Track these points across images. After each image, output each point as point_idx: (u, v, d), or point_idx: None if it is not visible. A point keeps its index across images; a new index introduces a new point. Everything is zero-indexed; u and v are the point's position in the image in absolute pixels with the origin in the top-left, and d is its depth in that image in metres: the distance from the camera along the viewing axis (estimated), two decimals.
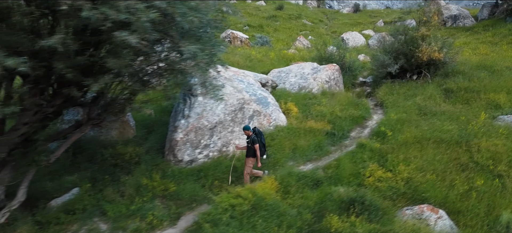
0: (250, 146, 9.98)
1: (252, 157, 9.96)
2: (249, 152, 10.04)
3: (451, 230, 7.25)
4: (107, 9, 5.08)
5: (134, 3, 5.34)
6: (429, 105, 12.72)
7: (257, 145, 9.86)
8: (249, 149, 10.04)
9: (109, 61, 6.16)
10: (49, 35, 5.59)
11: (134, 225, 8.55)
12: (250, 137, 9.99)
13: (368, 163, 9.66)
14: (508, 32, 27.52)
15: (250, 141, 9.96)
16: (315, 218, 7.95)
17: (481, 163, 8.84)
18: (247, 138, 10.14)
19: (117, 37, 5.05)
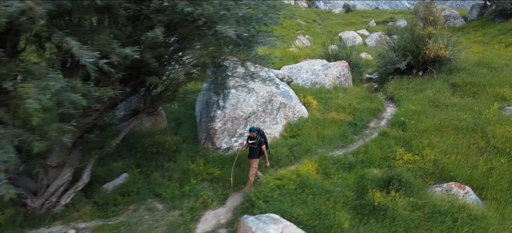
0: (256, 147, 10.04)
1: (257, 158, 10.09)
2: (253, 153, 10.09)
3: (478, 204, 8.34)
4: (207, 6, 5.97)
5: (225, 3, 6.25)
6: (439, 98, 13.90)
7: (264, 146, 10.04)
8: (253, 150, 10.08)
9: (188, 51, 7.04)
10: (147, 29, 6.43)
11: (189, 204, 9.41)
12: (256, 138, 10.06)
13: (395, 148, 10.74)
14: (497, 32, 29.13)
15: (257, 142, 10.03)
16: (357, 194, 8.96)
17: (498, 146, 10.01)
18: (251, 139, 10.13)
19: (218, 30, 5.93)
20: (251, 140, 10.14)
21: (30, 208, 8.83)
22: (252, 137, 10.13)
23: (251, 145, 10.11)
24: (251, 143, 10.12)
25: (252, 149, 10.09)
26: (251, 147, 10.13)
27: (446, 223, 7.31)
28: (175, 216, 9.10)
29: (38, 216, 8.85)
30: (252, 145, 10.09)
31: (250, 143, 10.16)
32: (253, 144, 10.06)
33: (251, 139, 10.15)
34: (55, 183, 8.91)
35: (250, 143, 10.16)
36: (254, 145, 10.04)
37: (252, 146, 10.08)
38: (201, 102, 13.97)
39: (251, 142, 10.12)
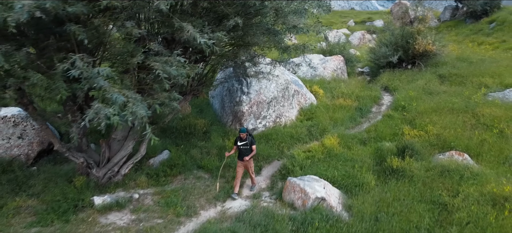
0: (248, 148, 9.99)
1: (251, 158, 10.14)
2: (246, 154, 9.99)
3: (476, 166, 10.35)
4: None
5: None
6: (431, 87, 16.06)
7: (254, 145, 10.12)
8: (246, 151, 9.99)
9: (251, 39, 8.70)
10: (221, 18, 8.02)
11: (231, 174, 10.98)
12: (247, 138, 10.03)
13: (401, 126, 12.72)
14: (469, 32, 31.91)
15: (249, 142, 10.00)
16: (376, 162, 10.83)
17: (486, 123, 12.13)
18: (242, 140, 10.05)
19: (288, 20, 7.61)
20: (241, 141, 10.04)
21: (93, 176, 10.16)
22: (243, 138, 10.04)
23: (242, 146, 10.03)
24: (242, 144, 10.03)
25: (245, 149, 10.02)
26: (242, 148, 10.05)
27: (454, 178, 9.26)
28: (221, 183, 10.67)
29: (101, 184, 10.20)
30: (243, 146, 10.01)
31: (241, 144, 10.05)
32: (244, 145, 10.00)
33: (241, 140, 10.05)
34: (119, 154, 10.29)
35: (241, 144, 10.05)
36: (247, 145, 10.00)
37: (244, 147, 10.01)
38: (217, 92, 15.52)
39: (242, 143, 10.02)
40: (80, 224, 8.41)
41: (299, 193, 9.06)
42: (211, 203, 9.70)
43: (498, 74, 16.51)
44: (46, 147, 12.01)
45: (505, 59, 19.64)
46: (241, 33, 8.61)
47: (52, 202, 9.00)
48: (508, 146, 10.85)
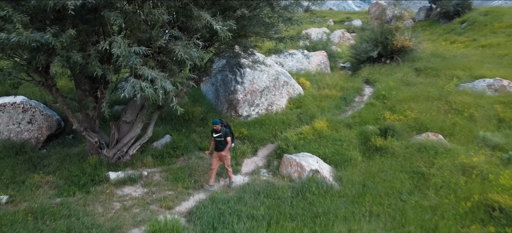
0: (223, 140, 9.89)
1: (227, 150, 10.06)
2: (222, 146, 9.93)
3: (448, 144, 11.77)
4: None
5: None
6: (408, 79, 17.55)
7: (230, 137, 9.98)
8: (222, 143, 9.91)
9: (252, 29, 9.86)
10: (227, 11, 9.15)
11: (231, 153, 12.09)
12: (221, 130, 9.95)
13: (382, 112, 14.09)
14: (442, 31, 33.86)
15: (223, 134, 9.89)
16: (361, 142, 12.14)
17: (457, 109, 13.62)
18: (216, 132, 9.96)
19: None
20: (216, 133, 9.95)
21: (103, 156, 11.10)
22: (217, 129, 9.94)
23: (217, 138, 9.95)
24: (217, 136, 9.94)
25: (220, 141, 9.93)
26: (218, 141, 9.97)
27: (430, 153, 10.63)
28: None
29: (111, 163, 11.14)
30: (218, 138, 9.93)
31: (216, 136, 9.96)
32: (219, 137, 9.92)
33: (216, 132, 9.96)
34: (128, 135, 11.27)
35: (216, 136, 9.96)
36: (221, 137, 9.91)
37: (219, 139, 9.93)
38: (211, 84, 16.58)
39: (217, 136, 9.94)
40: (100, 195, 9.36)
41: (295, 167, 10.26)
42: (215, 179, 10.77)
43: (468, 67, 18.16)
44: (54, 132, 12.85)
45: (475, 55, 21.40)
46: (245, 23, 9.73)
47: (71, 177, 9.92)
48: (476, 127, 12.34)
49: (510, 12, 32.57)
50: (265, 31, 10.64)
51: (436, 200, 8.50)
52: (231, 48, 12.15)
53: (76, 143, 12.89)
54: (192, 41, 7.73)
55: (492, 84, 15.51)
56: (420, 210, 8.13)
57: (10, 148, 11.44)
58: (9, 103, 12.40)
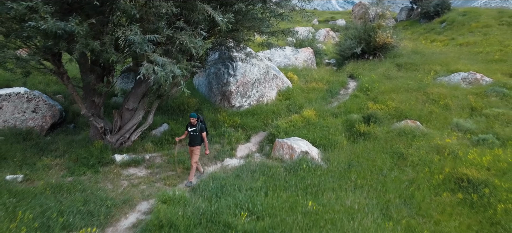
0: (198, 134, 9.95)
1: (199, 145, 10.08)
2: (195, 140, 9.99)
3: (425, 129, 12.93)
4: None
5: None
6: (390, 73, 18.78)
7: (205, 132, 10.07)
8: (195, 138, 9.97)
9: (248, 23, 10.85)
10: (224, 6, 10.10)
11: (225, 140, 13.05)
12: (197, 124, 9.97)
13: (366, 102, 15.23)
14: (423, 30, 35.35)
15: (198, 128, 9.92)
16: (346, 128, 13.23)
17: (434, 99, 14.84)
18: (192, 126, 10.00)
19: None
20: (192, 127, 10.00)
21: (107, 142, 11.93)
22: (193, 123, 9.99)
23: (192, 132, 10.00)
24: (192, 130, 9.99)
25: (194, 136, 9.99)
26: (192, 134, 10.02)
27: (409, 136, 11.78)
28: (219, 147, 12.71)
29: (114, 148, 11.97)
30: (193, 132, 9.98)
31: (191, 130, 10.02)
32: (194, 131, 9.97)
33: (192, 125, 10.00)
34: (130, 122, 12.12)
35: (191, 130, 10.02)
36: (196, 132, 9.95)
37: (193, 133, 9.98)
38: (202, 76, 17.52)
39: (192, 129, 9.99)
40: (108, 174, 10.22)
41: (286, 149, 11.27)
42: (213, 162, 11.72)
43: (445, 63, 19.49)
44: (57, 120, 13.59)
45: (452, 52, 22.82)
46: (240, 17, 10.71)
47: (80, 159, 10.74)
48: (450, 115, 13.56)
49: (486, 13, 34.19)
50: (258, 25, 11.62)
51: (413, 175, 9.62)
52: (226, 40, 13.07)
53: (78, 131, 13.64)
54: (197, 31, 8.66)
55: (467, 77, 16.82)
56: (398, 183, 9.24)
57: (17, 135, 12.16)
58: (14, 93, 13.10)
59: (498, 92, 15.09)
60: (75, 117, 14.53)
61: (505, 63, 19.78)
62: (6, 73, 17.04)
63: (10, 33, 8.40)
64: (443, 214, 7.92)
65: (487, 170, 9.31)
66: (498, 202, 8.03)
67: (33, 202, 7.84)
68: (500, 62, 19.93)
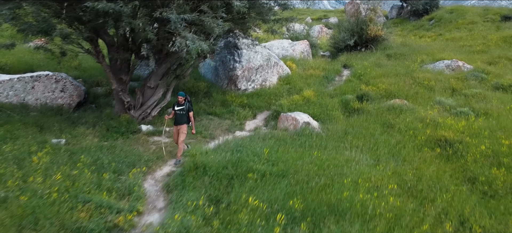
0: (184, 113, 10.27)
1: (186, 124, 10.40)
2: (182, 119, 10.29)
3: (411, 105, 14.79)
4: None
5: None
6: (380, 62, 20.72)
7: (192, 112, 10.42)
8: (182, 117, 10.28)
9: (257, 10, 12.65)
10: None
11: (235, 117, 14.80)
12: (185, 104, 10.29)
13: (359, 85, 17.12)
14: (412, 27, 37.44)
15: (186, 107, 10.25)
16: (342, 106, 15.09)
17: (420, 82, 16.77)
18: (179, 105, 10.28)
19: None
20: (179, 105, 10.33)
21: (131, 116, 13.60)
22: (180, 102, 10.28)
23: (179, 111, 10.34)
24: (179, 109, 10.32)
25: (181, 115, 10.31)
26: (178, 113, 10.36)
27: (397, 111, 13.66)
28: (229, 122, 14.48)
29: (137, 122, 13.65)
30: (180, 111, 10.31)
31: (178, 109, 10.34)
32: (181, 110, 10.29)
33: (179, 104, 10.32)
34: (151, 98, 13.81)
35: (178, 109, 10.34)
36: (183, 111, 10.29)
37: (181, 112, 10.31)
38: (207, 64, 19.26)
39: (179, 108, 10.32)
40: (138, 140, 11.92)
41: (291, 121, 13.07)
42: (225, 133, 13.46)
43: (431, 53, 21.51)
44: (82, 99, 15.23)
45: (438, 44, 24.89)
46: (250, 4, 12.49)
47: (111, 128, 12.43)
48: (434, 95, 15.50)
49: (472, 11, 36.37)
50: (266, 12, 13.42)
51: (399, 138, 11.49)
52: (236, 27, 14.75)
53: (100, 110, 15.27)
54: (218, 14, 10.42)
55: (450, 64, 18.82)
56: (388, 143, 11.11)
57: (49, 110, 13.77)
58: (43, 75, 14.70)
59: (477, 76, 17.09)
60: (95, 98, 16.16)
61: (486, 53, 21.86)
62: (29, 59, 18.73)
63: (60, 15, 10.06)
64: (424, 163, 9.79)
65: (462, 133, 11.22)
66: (468, 154, 9.93)
67: (85, 154, 9.53)
68: (481, 53, 22.02)
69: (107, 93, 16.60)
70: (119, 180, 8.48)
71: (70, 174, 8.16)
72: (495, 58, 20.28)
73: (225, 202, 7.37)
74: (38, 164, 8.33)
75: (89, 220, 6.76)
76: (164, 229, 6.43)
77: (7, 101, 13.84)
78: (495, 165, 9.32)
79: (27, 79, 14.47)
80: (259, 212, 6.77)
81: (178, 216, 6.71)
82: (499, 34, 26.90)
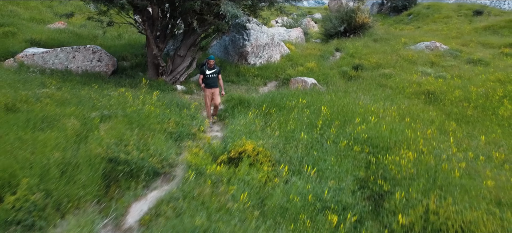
0: (216, 76, 10.56)
1: (218, 87, 10.79)
2: (215, 82, 10.54)
3: (399, 72, 17.87)
4: None
5: None
6: (368, 45, 23.92)
7: (220, 75, 10.73)
8: (214, 80, 10.51)
9: None
10: None
11: (250, 83, 17.60)
12: (215, 67, 10.51)
13: (352, 60, 20.22)
14: (392, 22, 41.03)
15: (217, 70, 10.54)
16: (340, 74, 18.11)
17: (404, 57, 20.00)
18: (210, 69, 10.43)
19: None
20: (210, 69, 10.47)
21: (164, 80, 16.22)
22: (211, 66, 10.43)
23: (211, 74, 10.51)
24: (211, 72, 10.48)
25: (213, 78, 10.51)
26: (211, 77, 10.54)
27: (386, 76, 16.76)
28: (245, 88, 17.26)
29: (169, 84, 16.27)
30: (212, 74, 10.51)
31: (209, 73, 10.47)
32: (213, 73, 10.50)
33: (210, 68, 10.45)
34: (181, 65, 16.46)
35: (209, 73, 10.47)
36: (215, 74, 10.52)
37: (212, 75, 10.51)
38: (216, 45, 22.00)
39: (211, 72, 10.48)
40: (175, 96, 14.56)
41: (300, 82, 15.96)
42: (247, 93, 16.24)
43: (413, 37, 24.91)
44: (116, 68, 17.74)
45: (417, 32, 28.35)
46: None
47: (151, 86, 15.03)
48: (416, 66, 18.71)
49: (447, 6, 40.21)
50: None
51: (391, 92, 14.56)
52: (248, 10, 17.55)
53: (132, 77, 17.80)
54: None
55: (429, 45, 22.15)
56: (383, 94, 14.13)
57: (91, 75, 16.24)
58: (82, 47, 17.16)
59: (452, 54, 20.43)
60: (123, 70, 18.67)
61: (460, 38, 25.39)
62: (57, 37, 21.06)
63: None
64: (413, 105, 12.84)
65: (440, 87, 14.36)
66: (445, 99, 13.05)
67: (144, 95, 12.16)
68: (456, 38, 25.54)
69: (132, 66, 19.11)
70: (183, 111, 11.17)
71: (144, 104, 10.81)
72: (467, 42, 23.80)
73: (272, 120, 10.16)
74: (127, 98, 10.95)
75: (175, 128, 9.46)
76: (235, 128, 9.17)
77: (54, 68, 16.26)
78: (466, 103, 12.46)
79: (68, 50, 16.91)
80: (301, 122, 9.58)
81: (243, 121, 9.48)
82: (471, 26, 30.63)
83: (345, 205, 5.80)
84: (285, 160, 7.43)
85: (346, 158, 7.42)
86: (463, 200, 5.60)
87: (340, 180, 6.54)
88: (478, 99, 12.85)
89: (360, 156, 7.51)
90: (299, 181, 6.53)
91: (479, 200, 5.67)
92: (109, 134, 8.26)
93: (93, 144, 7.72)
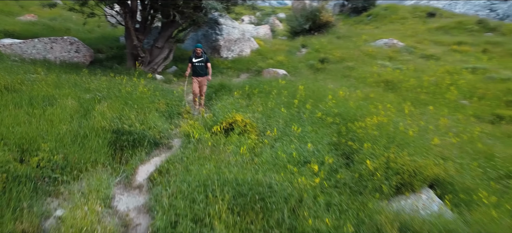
0: (204, 64, 10.55)
1: (206, 76, 10.91)
2: (202, 71, 10.60)
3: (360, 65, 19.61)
4: None
5: None
6: (332, 41, 25.66)
7: (209, 63, 10.79)
8: (202, 68, 10.55)
9: None
10: None
11: (224, 75, 18.78)
12: (203, 55, 10.51)
13: (318, 55, 21.81)
14: (353, 22, 43.23)
15: (205, 59, 10.52)
16: (308, 67, 19.62)
17: (365, 52, 21.79)
18: (197, 57, 10.39)
19: None
20: (197, 58, 10.44)
21: (143, 69, 17.13)
22: (198, 54, 10.40)
23: (198, 62, 10.49)
24: (198, 60, 10.45)
25: (201, 66, 10.52)
26: (198, 65, 10.54)
27: (350, 68, 18.41)
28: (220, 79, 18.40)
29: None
30: (199, 63, 10.49)
31: (196, 61, 10.44)
32: (200, 62, 10.47)
33: (197, 57, 10.42)
34: (158, 57, 17.42)
35: (196, 61, 10.44)
36: (202, 62, 10.52)
37: (200, 64, 10.50)
38: (189, 40, 23.05)
39: (198, 60, 10.45)
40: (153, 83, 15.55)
41: (272, 73, 17.31)
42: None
43: (372, 35, 26.91)
44: (93, 59, 18.43)
45: (376, 31, 30.47)
46: None
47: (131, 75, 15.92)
48: (373, 60, 20.52)
49: (403, 8, 42.89)
50: None
51: (355, 81, 16.17)
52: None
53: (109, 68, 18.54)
54: None
55: (387, 42, 24.12)
56: (348, 83, 15.70)
57: (70, 65, 16.89)
58: (60, 38, 17.76)
59: (408, 50, 22.46)
60: (100, 62, 19.36)
61: (415, 37, 27.64)
62: (30, 29, 21.43)
63: None
64: (372, 91, 14.46)
65: (397, 77, 16.11)
66: (402, 87, 14.77)
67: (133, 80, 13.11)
68: (411, 37, 27.77)
69: (107, 58, 19.84)
70: (169, 94, 12.24)
71: (134, 87, 11.79)
72: (421, 40, 26.05)
73: (254, 99, 11.40)
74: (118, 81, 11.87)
75: (166, 108, 10.55)
76: (223, 104, 10.35)
77: (33, 57, 16.82)
78: (419, 89, 14.22)
79: (46, 40, 17.48)
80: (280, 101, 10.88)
81: (229, 99, 10.69)
82: (425, 27, 33.18)
83: (323, 160, 7.14)
84: (270, 129, 8.71)
85: (321, 127, 8.79)
86: (416, 152, 7.08)
87: (317, 143, 7.88)
88: (429, 86, 14.66)
89: (332, 126, 8.91)
90: (283, 144, 7.83)
91: (428, 153, 7.17)
92: (110, 110, 9.26)
93: (98, 117, 8.70)
